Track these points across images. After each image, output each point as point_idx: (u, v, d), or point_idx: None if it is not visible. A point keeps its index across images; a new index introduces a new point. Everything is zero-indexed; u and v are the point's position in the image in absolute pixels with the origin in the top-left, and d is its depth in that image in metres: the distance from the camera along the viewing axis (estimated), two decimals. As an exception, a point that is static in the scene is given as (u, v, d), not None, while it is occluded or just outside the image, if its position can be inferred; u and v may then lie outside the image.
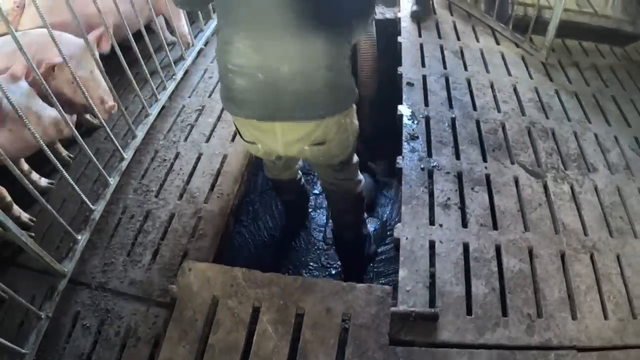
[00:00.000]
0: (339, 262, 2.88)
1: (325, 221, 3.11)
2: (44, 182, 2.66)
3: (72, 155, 2.87)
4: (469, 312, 2.13)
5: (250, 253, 2.90)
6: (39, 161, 2.17)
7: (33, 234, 2.42)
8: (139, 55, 2.76)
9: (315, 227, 3.08)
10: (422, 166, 2.72)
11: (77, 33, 2.35)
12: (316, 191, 3.31)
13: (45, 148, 2.05)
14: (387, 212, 3.24)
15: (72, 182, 2.21)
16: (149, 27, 3.02)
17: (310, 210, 3.20)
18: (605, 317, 2.15)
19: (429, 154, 2.82)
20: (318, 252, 2.94)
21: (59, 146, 2.81)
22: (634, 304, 2.20)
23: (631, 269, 2.33)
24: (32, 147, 2.12)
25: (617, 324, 2.12)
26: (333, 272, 2.85)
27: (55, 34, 2.18)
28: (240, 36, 1.71)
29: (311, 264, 2.88)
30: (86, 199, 2.32)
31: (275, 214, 3.06)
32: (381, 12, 4.15)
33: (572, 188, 2.68)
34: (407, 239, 2.37)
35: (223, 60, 1.82)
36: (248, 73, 1.77)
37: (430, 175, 2.70)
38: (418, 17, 3.98)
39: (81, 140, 2.29)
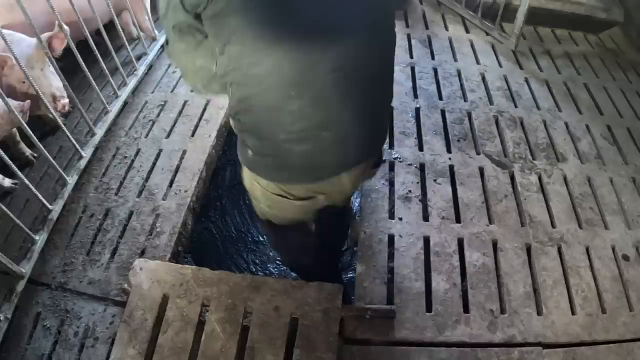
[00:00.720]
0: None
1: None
2: (7, 182, 2.63)
3: (36, 155, 2.84)
4: (429, 309, 2.11)
5: (218, 249, 2.87)
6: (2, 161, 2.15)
7: (-4, 236, 2.40)
8: (97, 53, 2.73)
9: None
10: (384, 159, 2.66)
11: (36, 31, 2.31)
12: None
13: (3, 154, 2.02)
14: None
15: (28, 183, 2.17)
16: (112, 24, 2.98)
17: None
18: (573, 313, 2.13)
19: (391, 146, 2.79)
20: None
21: (23, 146, 2.77)
22: (604, 298, 2.18)
23: (601, 262, 2.31)
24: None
25: (586, 319, 2.10)
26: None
27: (5, 33, 2.15)
28: (293, 96, 1.38)
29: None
30: (43, 199, 2.29)
31: (244, 209, 3.02)
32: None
33: (540, 179, 2.66)
34: (365, 233, 2.35)
35: (266, 130, 1.49)
36: (311, 136, 1.47)
37: (392, 167, 2.67)
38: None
39: (37, 141, 2.25)
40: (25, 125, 2.22)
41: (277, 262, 2.80)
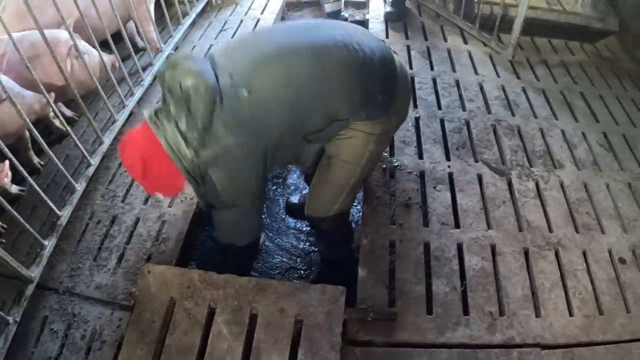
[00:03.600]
0: (305, 266, 2.86)
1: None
2: (14, 189, 2.68)
3: (42, 163, 2.89)
4: (430, 311, 2.15)
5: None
6: (10, 168, 2.21)
7: (4, 241, 2.45)
8: (106, 63, 2.79)
9: (285, 230, 3.06)
10: (383, 166, 2.73)
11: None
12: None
13: (12, 157, 2.07)
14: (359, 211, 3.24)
15: (38, 189, 2.22)
16: (118, 34, 3.05)
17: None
18: (571, 314, 2.16)
19: (392, 154, 2.84)
20: (289, 255, 2.92)
21: (32, 153, 2.83)
22: (600, 300, 2.21)
23: (598, 265, 2.35)
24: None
25: (583, 320, 2.14)
26: (303, 274, 2.84)
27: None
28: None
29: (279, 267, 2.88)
30: (53, 205, 2.33)
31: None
32: (350, 14, 4.22)
33: (537, 185, 2.70)
34: (367, 239, 2.39)
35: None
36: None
37: (392, 175, 2.72)
38: (392, 19, 4.00)
39: (48, 149, 2.31)
40: (42, 141, 2.27)
41: (279, 267, 2.83)
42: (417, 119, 3.09)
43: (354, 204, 2.49)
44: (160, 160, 1.71)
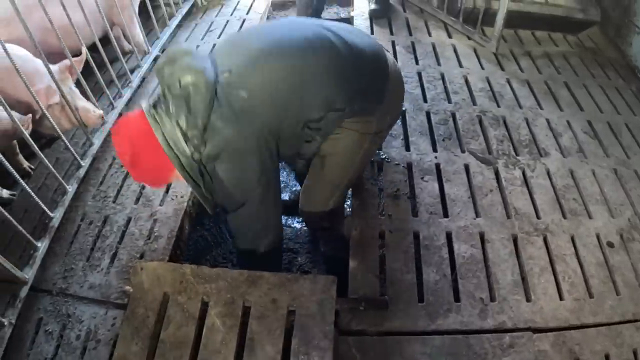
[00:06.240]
0: (299, 262, 2.89)
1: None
2: (5, 193, 2.69)
3: (33, 167, 2.90)
4: (421, 299, 2.17)
5: (212, 256, 2.92)
6: (0, 173, 2.21)
7: (-3, 241, 2.46)
8: (94, 66, 2.81)
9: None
10: (371, 159, 2.76)
11: (34, 49, 2.38)
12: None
13: (4, 161, 2.08)
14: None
15: (30, 191, 2.24)
16: (105, 38, 3.06)
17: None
18: (561, 298, 2.19)
19: (379, 147, 2.86)
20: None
21: (21, 158, 2.84)
22: (590, 284, 2.24)
23: (586, 249, 2.38)
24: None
25: (573, 304, 2.17)
26: (296, 271, 2.86)
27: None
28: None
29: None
30: (44, 207, 2.35)
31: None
32: (335, 11, 4.24)
33: (523, 173, 2.73)
34: (356, 230, 2.42)
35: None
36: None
37: (380, 167, 2.75)
38: (377, 16, 4.03)
39: (39, 151, 2.32)
40: (28, 137, 2.29)
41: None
42: (403, 112, 3.12)
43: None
44: (151, 152, 1.69)
